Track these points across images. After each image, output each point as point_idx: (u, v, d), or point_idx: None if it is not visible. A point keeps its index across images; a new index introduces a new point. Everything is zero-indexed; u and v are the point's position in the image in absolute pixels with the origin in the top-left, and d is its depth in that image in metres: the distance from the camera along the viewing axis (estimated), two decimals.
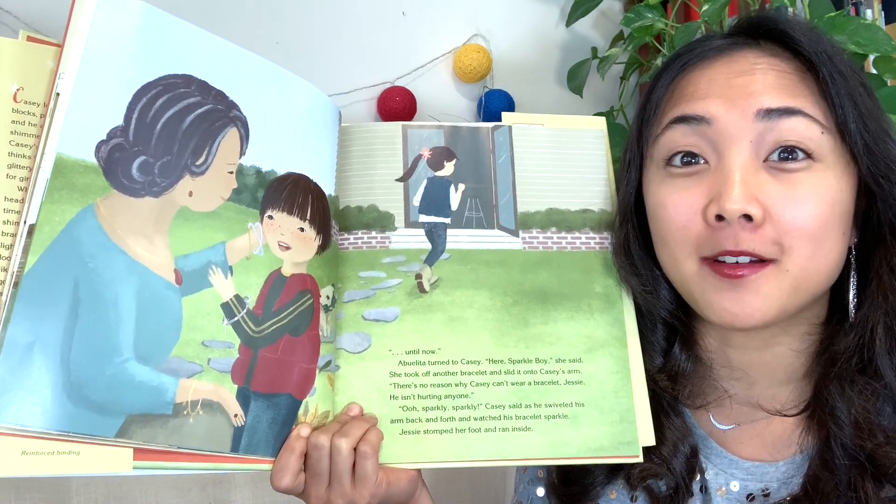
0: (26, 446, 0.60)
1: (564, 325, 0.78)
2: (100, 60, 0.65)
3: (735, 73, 0.69)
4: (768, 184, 0.66)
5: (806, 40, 0.69)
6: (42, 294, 0.61)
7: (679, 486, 0.74)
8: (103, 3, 0.65)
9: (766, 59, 0.70)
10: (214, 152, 0.69)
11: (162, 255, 0.66)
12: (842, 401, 0.68)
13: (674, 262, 0.72)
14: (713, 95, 0.69)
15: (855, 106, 0.67)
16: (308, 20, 1.40)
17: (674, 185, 0.71)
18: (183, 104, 0.68)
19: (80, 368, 0.61)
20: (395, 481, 0.72)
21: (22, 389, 0.59)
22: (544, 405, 0.76)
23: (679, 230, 0.70)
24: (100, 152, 0.64)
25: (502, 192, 0.83)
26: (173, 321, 0.66)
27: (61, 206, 0.62)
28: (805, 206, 0.66)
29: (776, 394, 0.75)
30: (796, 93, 0.67)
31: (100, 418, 0.62)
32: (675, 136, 0.71)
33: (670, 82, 0.74)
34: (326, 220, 0.77)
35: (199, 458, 0.67)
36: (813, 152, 0.67)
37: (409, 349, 0.77)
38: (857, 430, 0.67)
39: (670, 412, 0.77)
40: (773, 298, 0.67)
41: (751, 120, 0.67)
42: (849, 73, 0.68)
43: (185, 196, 0.68)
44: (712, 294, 0.69)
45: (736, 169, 0.66)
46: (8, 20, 1.21)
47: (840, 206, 0.67)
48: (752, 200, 0.65)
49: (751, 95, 0.67)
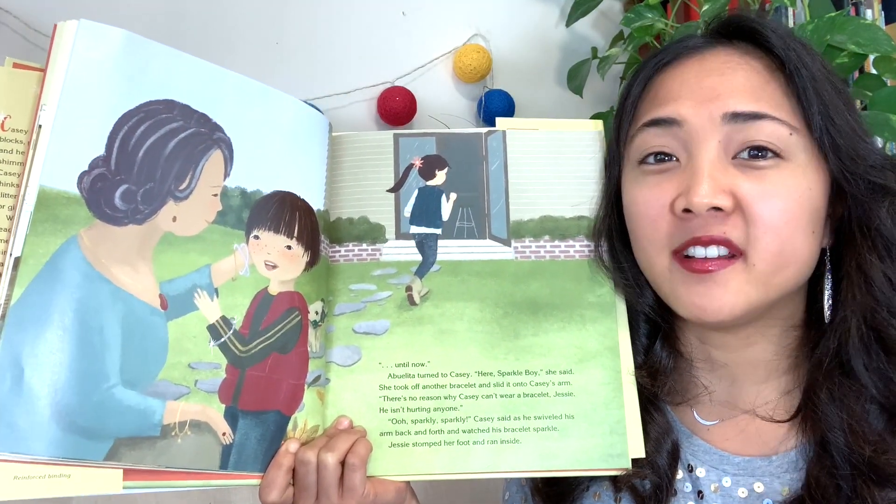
0: (18, 471, 0.61)
1: (556, 336, 0.78)
2: (81, 90, 0.66)
3: (705, 73, 0.70)
4: (738, 178, 0.67)
5: (776, 38, 0.70)
6: (29, 324, 0.62)
7: (662, 483, 0.75)
8: (83, 32, 0.66)
9: (736, 58, 0.71)
10: (198, 176, 0.70)
11: (146, 282, 0.67)
12: (832, 406, 0.69)
13: (647, 257, 0.73)
14: (683, 97, 0.70)
15: (822, 103, 0.68)
16: (308, 20, 1.40)
17: (646, 182, 0.72)
18: (165, 130, 0.68)
19: (68, 396, 0.62)
20: (383, 493, 0.73)
21: (11, 417, 0.60)
22: (534, 417, 0.76)
23: (649, 225, 0.72)
24: (82, 183, 0.65)
25: (495, 201, 0.82)
26: (159, 345, 0.67)
27: (45, 239, 0.63)
28: (773, 201, 0.67)
29: (759, 391, 0.75)
30: (764, 95, 0.68)
31: (88, 443, 0.63)
32: (647, 137, 0.72)
33: (645, 83, 0.75)
34: (315, 235, 0.77)
35: (189, 476, 0.68)
36: (781, 152, 0.68)
37: (399, 362, 0.77)
38: (852, 436, 0.67)
39: (651, 409, 0.77)
40: (741, 293, 0.68)
41: (718, 122, 0.68)
42: (818, 72, 0.69)
43: (168, 221, 0.69)
44: (681, 288, 0.70)
45: (705, 165, 0.68)
46: (8, 20, 1.22)
47: (809, 204, 0.68)
48: (720, 192, 0.66)
49: (718, 98, 0.68)
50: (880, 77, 1.11)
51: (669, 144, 0.71)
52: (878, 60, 1.10)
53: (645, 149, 0.73)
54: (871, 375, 0.68)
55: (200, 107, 0.71)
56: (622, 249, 0.78)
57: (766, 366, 0.75)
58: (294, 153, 0.78)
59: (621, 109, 0.77)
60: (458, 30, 1.46)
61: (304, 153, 0.78)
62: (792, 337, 0.75)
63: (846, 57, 1.07)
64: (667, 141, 0.71)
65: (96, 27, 0.67)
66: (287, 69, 1.39)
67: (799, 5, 1.16)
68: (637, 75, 0.77)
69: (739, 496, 0.73)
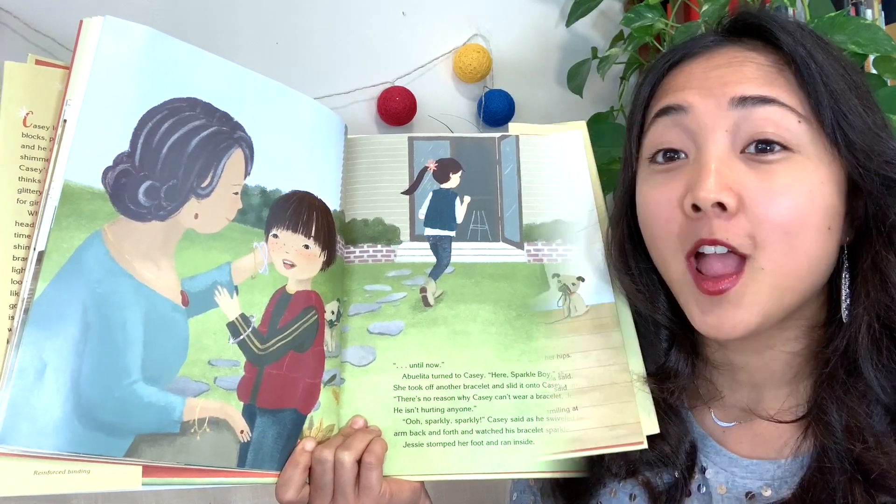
0: (38, 466, 0.61)
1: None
2: (106, 86, 0.66)
3: (712, 67, 0.70)
4: (744, 174, 0.66)
5: (786, 35, 0.68)
6: (52, 319, 0.62)
7: (679, 483, 0.75)
8: (108, 29, 0.66)
9: (744, 54, 0.70)
10: (220, 174, 0.70)
11: (168, 278, 0.67)
12: (835, 405, 0.68)
13: (663, 261, 0.72)
14: (690, 87, 0.70)
15: (832, 96, 0.66)
16: (308, 20, 1.40)
17: (656, 181, 0.72)
18: (188, 127, 0.69)
19: (90, 391, 0.62)
20: (398, 492, 0.73)
21: (33, 412, 0.60)
22: (546, 418, 0.77)
23: (662, 225, 0.71)
24: (106, 178, 0.65)
25: (508, 204, 0.83)
26: (180, 342, 0.67)
27: (69, 233, 0.63)
28: (780, 199, 0.65)
29: (778, 394, 0.75)
30: (772, 83, 0.67)
31: (109, 439, 0.63)
32: (658, 130, 0.72)
33: (655, 82, 0.75)
34: (331, 235, 0.77)
35: (207, 474, 0.69)
36: (790, 143, 0.66)
37: (413, 363, 0.78)
38: (847, 435, 0.67)
39: (670, 411, 0.77)
40: (755, 306, 0.67)
41: (725, 108, 0.67)
42: (829, 66, 0.67)
43: (190, 219, 0.69)
44: (695, 308, 0.70)
45: (712, 159, 0.66)
46: (8, 20, 1.21)
47: (821, 199, 0.66)
48: (726, 189, 0.65)
49: (726, 85, 0.68)
50: (880, 77, 1.11)
51: (678, 138, 0.70)
52: (878, 60, 1.10)
53: (655, 145, 0.72)
54: (878, 375, 0.67)
55: (222, 105, 0.72)
56: (634, 254, 0.78)
57: (784, 370, 0.74)
58: (312, 154, 0.78)
59: (632, 111, 0.77)
60: (458, 30, 1.46)
61: (321, 154, 0.79)
62: (812, 338, 0.73)
63: None
64: (675, 134, 0.70)
65: (122, 24, 0.67)
66: (287, 69, 1.39)
67: (799, 5, 1.17)
68: (647, 76, 0.76)
69: (745, 499, 0.72)
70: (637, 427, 0.76)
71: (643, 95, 0.76)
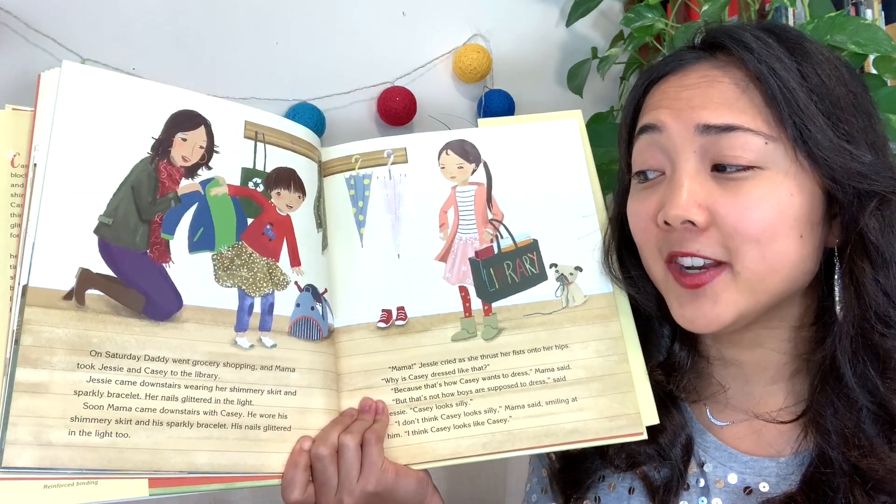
0: (48, 480, 0.62)
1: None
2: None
3: (683, 87, 0.72)
4: (715, 191, 0.68)
5: (748, 53, 0.69)
6: None
7: (675, 476, 0.76)
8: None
9: (715, 72, 0.71)
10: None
11: None
12: (829, 409, 0.70)
13: (647, 265, 0.76)
14: (663, 107, 0.72)
15: (795, 112, 0.67)
16: (308, 20, 1.40)
17: (639, 196, 0.75)
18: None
19: None
20: (404, 474, 0.74)
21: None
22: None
23: (641, 234, 0.75)
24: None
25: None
26: None
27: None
28: (749, 212, 0.67)
29: (771, 391, 0.77)
30: (738, 105, 0.68)
31: None
32: (639, 148, 0.75)
33: (638, 98, 0.78)
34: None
35: (212, 480, 0.69)
36: (755, 162, 0.68)
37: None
38: (843, 440, 0.69)
39: (669, 404, 0.79)
40: (730, 303, 0.69)
41: (692, 132, 0.69)
42: (794, 81, 0.68)
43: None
44: (675, 302, 0.73)
45: (683, 178, 0.69)
46: (8, 20, 1.21)
47: (791, 210, 0.67)
48: (695, 207, 0.68)
49: (693, 109, 0.70)
50: (880, 77, 1.12)
51: (654, 159, 0.73)
52: (878, 60, 1.11)
53: (640, 163, 0.75)
54: (857, 382, 0.69)
55: None
56: (629, 257, 0.80)
57: (776, 365, 0.76)
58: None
59: (620, 126, 0.80)
60: (458, 30, 1.46)
61: None
62: (800, 338, 0.75)
63: (846, 57, 1.08)
64: (653, 154, 0.73)
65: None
66: (287, 69, 1.39)
67: (799, 5, 1.18)
68: (631, 93, 0.79)
69: (743, 494, 0.74)
70: (637, 418, 0.76)
71: (629, 111, 0.78)
